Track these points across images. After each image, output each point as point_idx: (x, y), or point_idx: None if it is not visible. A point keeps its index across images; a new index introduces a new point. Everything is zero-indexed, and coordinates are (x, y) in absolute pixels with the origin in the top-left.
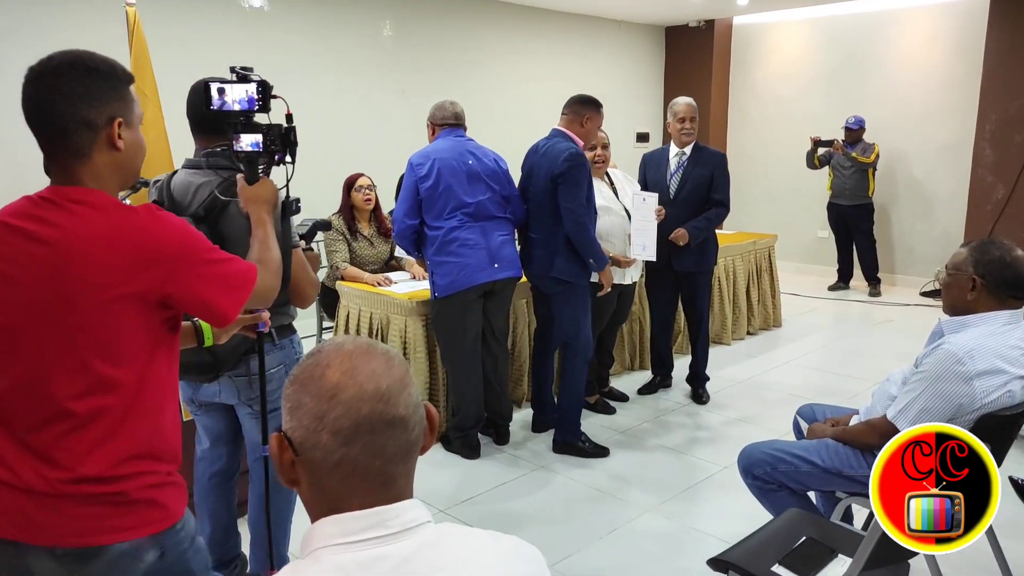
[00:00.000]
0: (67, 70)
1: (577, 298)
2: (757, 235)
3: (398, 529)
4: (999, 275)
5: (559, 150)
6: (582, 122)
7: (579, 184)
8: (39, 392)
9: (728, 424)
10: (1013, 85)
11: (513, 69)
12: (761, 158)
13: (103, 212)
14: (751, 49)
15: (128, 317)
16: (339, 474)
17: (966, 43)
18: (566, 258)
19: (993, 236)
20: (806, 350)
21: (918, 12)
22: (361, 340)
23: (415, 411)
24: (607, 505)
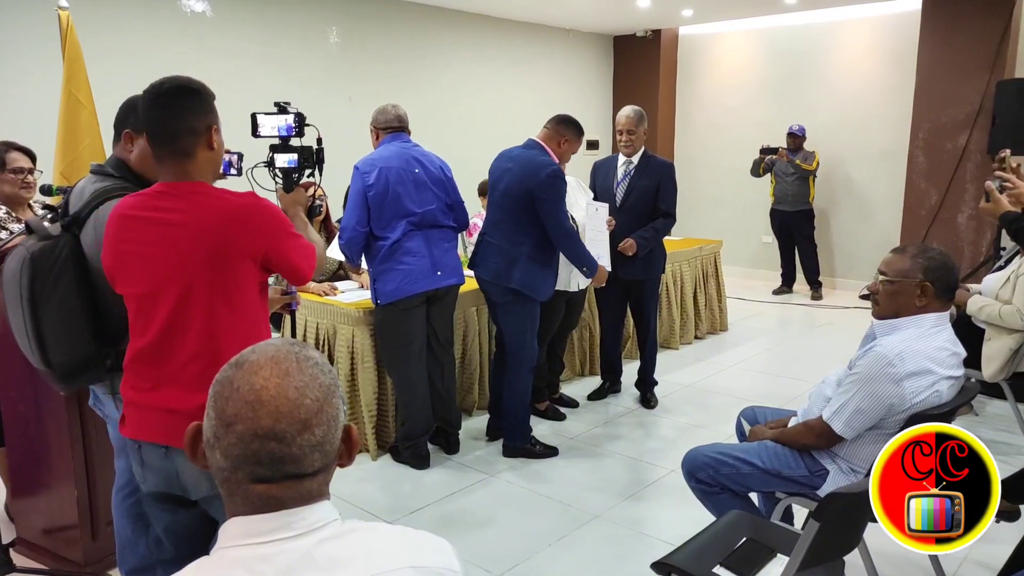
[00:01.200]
0: (176, 91)
1: (525, 310)
2: (703, 241)
3: (303, 531)
4: (946, 280)
5: (539, 164)
6: (560, 142)
7: (561, 200)
8: (184, 337)
9: (676, 428)
10: (944, 95)
11: (463, 77)
12: (707, 165)
13: (217, 197)
14: (697, 59)
15: (245, 274)
16: (226, 489)
17: (900, 54)
18: (526, 271)
19: (927, 240)
20: (751, 354)
21: (855, 24)
22: (292, 354)
23: (314, 450)
24: (556, 512)
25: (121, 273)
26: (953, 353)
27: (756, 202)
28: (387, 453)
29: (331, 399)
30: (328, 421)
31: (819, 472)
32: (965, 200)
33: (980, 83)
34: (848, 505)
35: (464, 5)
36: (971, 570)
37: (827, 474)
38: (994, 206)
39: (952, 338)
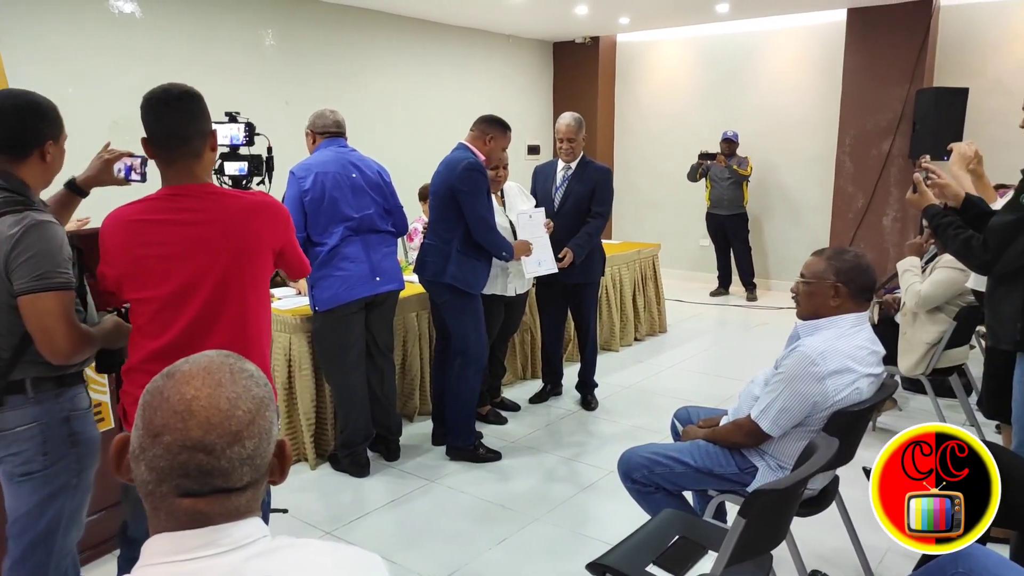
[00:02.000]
0: (186, 96)
1: (466, 307)
2: (642, 245)
3: (230, 547)
4: (858, 281)
5: (458, 159)
6: (486, 140)
7: (480, 192)
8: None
9: (616, 429)
10: (868, 103)
11: (404, 81)
12: (646, 170)
13: (233, 195)
14: (634, 65)
15: (266, 265)
16: (149, 503)
17: (827, 63)
18: (459, 265)
19: (855, 242)
20: (690, 354)
21: (785, 34)
22: (226, 365)
23: (243, 463)
24: (497, 516)
25: (139, 278)
26: (872, 351)
27: (693, 206)
28: (326, 462)
29: (264, 412)
30: (260, 434)
31: (748, 469)
32: (890, 203)
33: (901, 91)
34: (773, 501)
35: (404, 10)
36: (894, 560)
37: (756, 471)
38: (920, 198)
39: (871, 337)
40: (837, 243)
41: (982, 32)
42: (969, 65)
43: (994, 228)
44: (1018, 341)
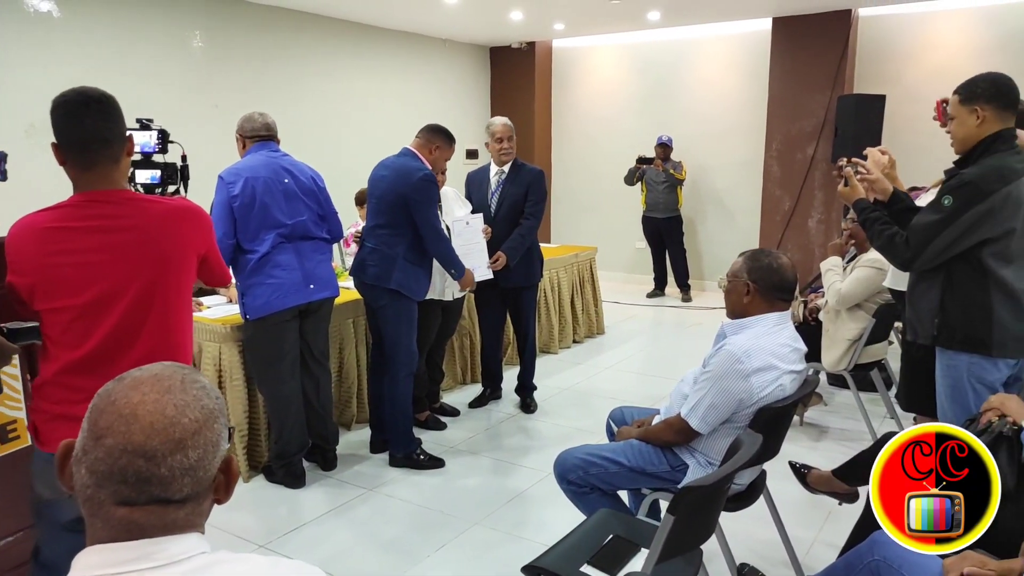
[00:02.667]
0: (104, 99)
1: (403, 312)
2: (579, 248)
3: (164, 562)
4: (768, 280)
5: (411, 169)
6: (431, 149)
7: (432, 203)
8: (136, 339)
9: (555, 431)
10: (793, 108)
11: (338, 85)
12: (584, 174)
13: (153, 200)
14: (570, 70)
15: (190, 270)
16: (87, 510)
17: (755, 70)
18: (404, 271)
19: (782, 243)
20: (627, 355)
21: (714, 41)
22: (178, 374)
23: (184, 473)
24: (435, 522)
25: (53, 286)
26: (794, 349)
27: (629, 209)
28: (259, 474)
29: (212, 424)
30: (205, 445)
31: (680, 467)
32: (815, 205)
33: (824, 98)
34: (700, 497)
35: (337, 12)
36: (821, 550)
37: (687, 468)
38: (851, 191)
39: (794, 335)
40: (766, 244)
41: (898, 42)
42: (886, 73)
43: (916, 227)
44: (934, 336)
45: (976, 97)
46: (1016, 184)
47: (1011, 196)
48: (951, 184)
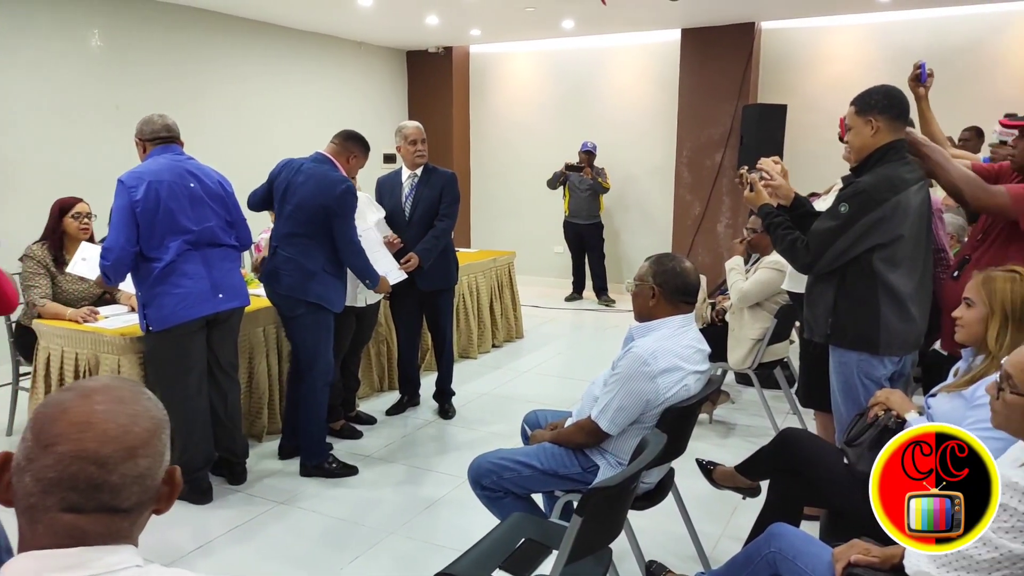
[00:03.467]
0: None
1: (319, 322)
2: (497, 252)
3: (99, 571)
4: (672, 283)
5: (333, 180)
6: (348, 157)
7: (352, 214)
8: None
9: (473, 437)
10: (702, 117)
11: (248, 87)
12: (502, 179)
13: None
14: (488, 76)
15: None
16: (27, 517)
17: (665, 79)
18: (322, 282)
19: (693, 247)
20: (545, 358)
21: (627, 50)
22: (126, 385)
23: (134, 482)
24: (349, 534)
25: None
26: (698, 350)
27: (549, 214)
28: None
29: (160, 434)
30: (155, 455)
31: (591, 468)
32: (723, 211)
33: (730, 107)
34: (607, 498)
35: (246, 12)
36: (727, 544)
37: (598, 469)
38: (756, 196)
39: (697, 336)
40: (679, 248)
41: (798, 54)
42: (787, 84)
43: (815, 233)
44: (828, 335)
45: (870, 108)
46: (905, 193)
47: (900, 204)
48: (847, 192)
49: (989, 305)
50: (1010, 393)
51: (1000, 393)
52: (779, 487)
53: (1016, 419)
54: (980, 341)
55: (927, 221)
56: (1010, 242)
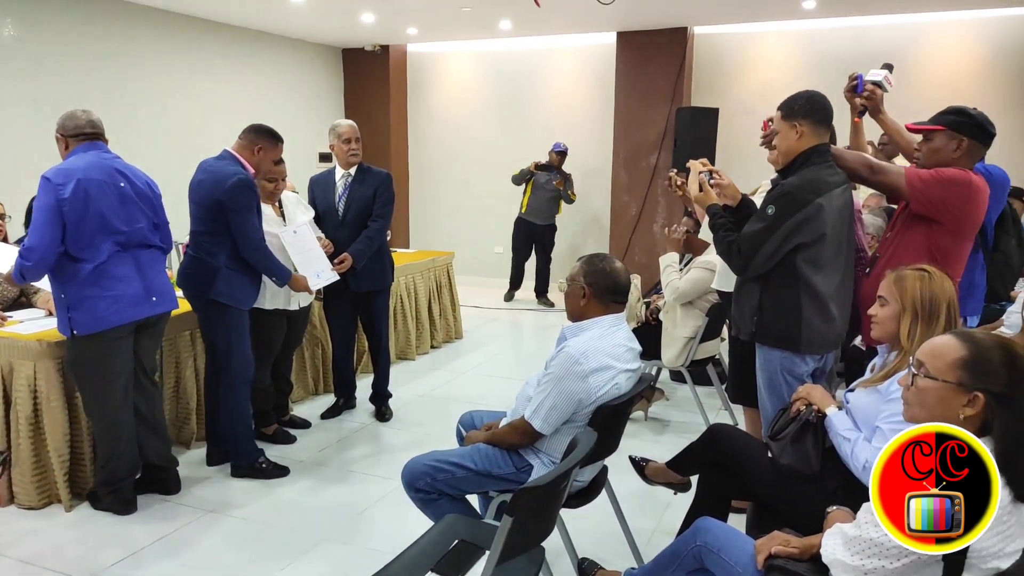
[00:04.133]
0: None
1: (230, 321)
2: (436, 253)
3: None
4: (603, 283)
5: (226, 174)
6: (255, 151)
7: (250, 209)
8: None
9: (409, 439)
10: (637, 119)
11: (178, 84)
12: (441, 179)
13: None
14: (426, 76)
15: None
16: None
17: (602, 81)
18: (227, 281)
19: (630, 247)
20: (485, 359)
21: (564, 52)
22: None
23: None
24: (281, 540)
25: None
26: (629, 349)
27: (488, 214)
28: (84, 501)
29: None
30: None
31: (525, 468)
32: (658, 211)
33: (664, 109)
34: (537, 497)
35: (174, 5)
36: (661, 539)
37: (532, 469)
38: (704, 196)
39: (628, 335)
40: (616, 249)
41: (729, 59)
42: (719, 87)
43: (745, 236)
44: (753, 333)
45: (795, 113)
46: (828, 196)
47: (823, 207)
48: (773, 194)
49: (901, 303)
50: (922, 378)
51: (913, 380)
52: (707, 481)
53: (929, 403)
54: (894, 337)
55: (849, 223)
56: (910, 227)
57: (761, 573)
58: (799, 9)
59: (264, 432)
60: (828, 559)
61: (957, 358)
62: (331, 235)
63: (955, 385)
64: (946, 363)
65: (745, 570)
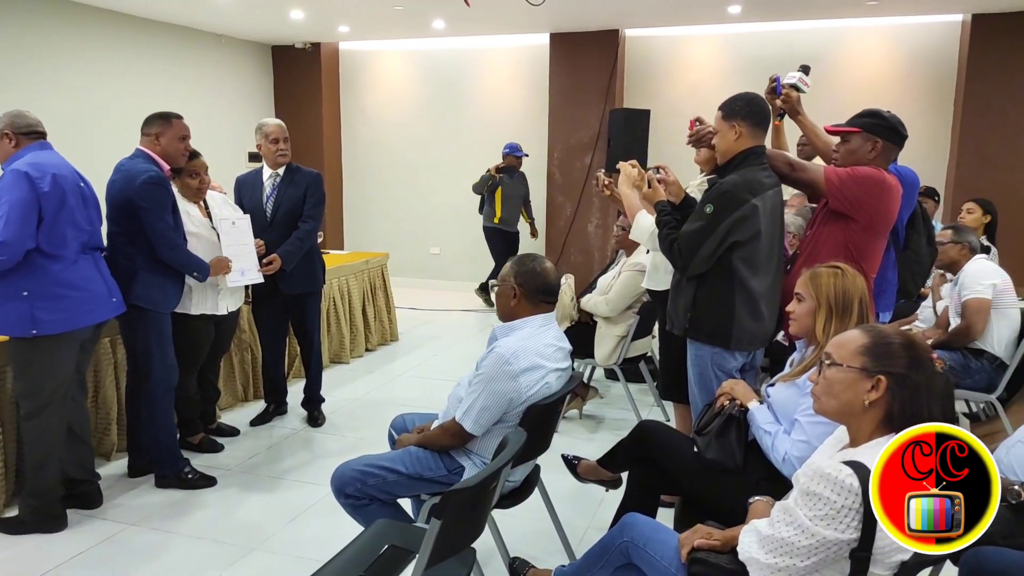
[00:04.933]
0: None
1: (150, 325)
2: (370, 254)
3: None
4: (533, 283)
5: (136, 172)
6: (156, 138)
7: (163, 207)
8: None
9: (342, 444)
10: (571, 120)
11: (96, 80)
12: (376, 180)
13: None
14: (359, 74)
15: None
16: None
17: (536, 82)
18: (145, 284)
19: (566, 247)
20: (421, 361)
21: (498, 52)
22: None
23: None
24: (207, 553)
25: None
26: (559, 348)
27: (424, 214)
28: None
29: None
30: None
31: (456, 470)
32: (593, 212)
33: (598, 110)
34: (466, 499)
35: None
36: (594, 536)
37: (463, 470)
38: (652, 193)
39: (558, 335)
40: (552, 249)
41: (660, 61)
42: (651, 89)
43: (684, 235)
44: (686, 328)
45: (734, 114)
46: (762, 197)
47: (758, 207)
48: (711, 193)
49: (816, 299)
50: (829, 367)
51: (821, 371)
52: (637, 477)
53: (836, 391)
54: (810, 332)
55: (780, 225)
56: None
57: (685, 566)
58: (725, 14)
59: (190, 441)
60: (744, 557)
61: (860, 345)
62: (259, 237)
63: (859, 370)
64: (850, 351)
65: (670, 564)
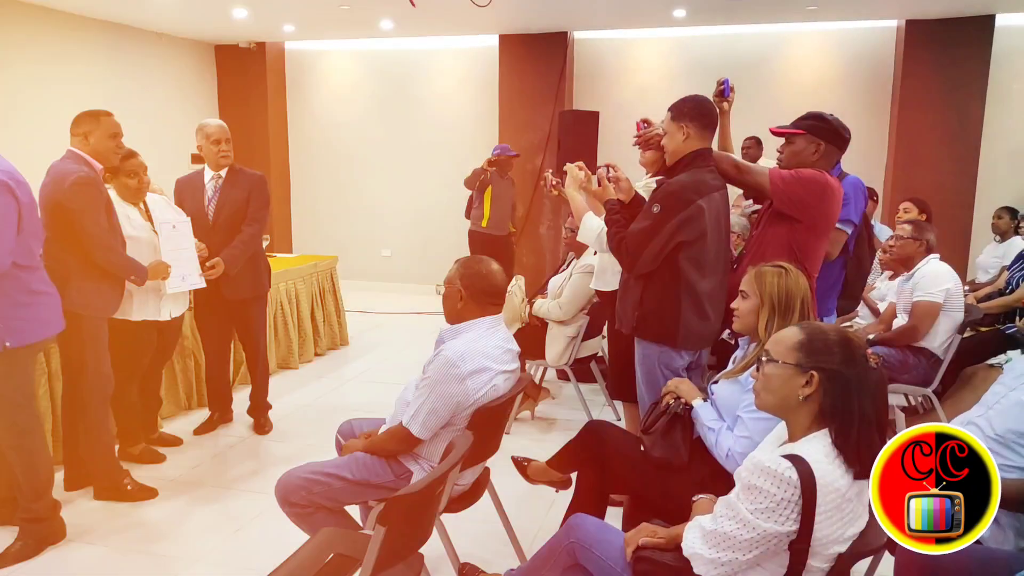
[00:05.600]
0: None
1: (86, 332)
2: (318, 257)
3: None
4: (479, 285)
5: (65, 173)
6: (85, 137)
7: (95, 208)
8: None
9: (290, 451)
10: (522, 122)
11: (29, 79)
12: (325, 181)
13: None
14: (306, 74)
15: None
16: None
17: (487, 84)
18: (79, 289)
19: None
20: (372, 365)
21: (447, 53)
22: None
23: None
24: (148, 566)
25: None
26: (507, 350)
27: (374, 216)
28: None
29: None
30: None
31: (404, 475)
32: (544, 214)
33: (548, 112)
34: (411, 504)
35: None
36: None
37: (411, 475)
38: (603, 192)
39: (507, 336)
40: None
41: (608, 64)
42: (599, 91)
43: (632, 234)
44: (634, 327)
45: (683, 116)
46: (708, 198)
47: (704, 208)
48: (658, 192)
49: (760, 297)
50: (767, 363)
51: (760, 368)
52: (586, 477)
53: (773, 386)
54: (753, 330)
55: (726, 226)
56: (773, 225)
57: (630, 565)
58: (670, 17)
59: (130, 452)
60: (688, 552)
61: (796, 342)
62: (201, 240)
63: (793, 366)
64: (786, 347)
65: (616, 564)
